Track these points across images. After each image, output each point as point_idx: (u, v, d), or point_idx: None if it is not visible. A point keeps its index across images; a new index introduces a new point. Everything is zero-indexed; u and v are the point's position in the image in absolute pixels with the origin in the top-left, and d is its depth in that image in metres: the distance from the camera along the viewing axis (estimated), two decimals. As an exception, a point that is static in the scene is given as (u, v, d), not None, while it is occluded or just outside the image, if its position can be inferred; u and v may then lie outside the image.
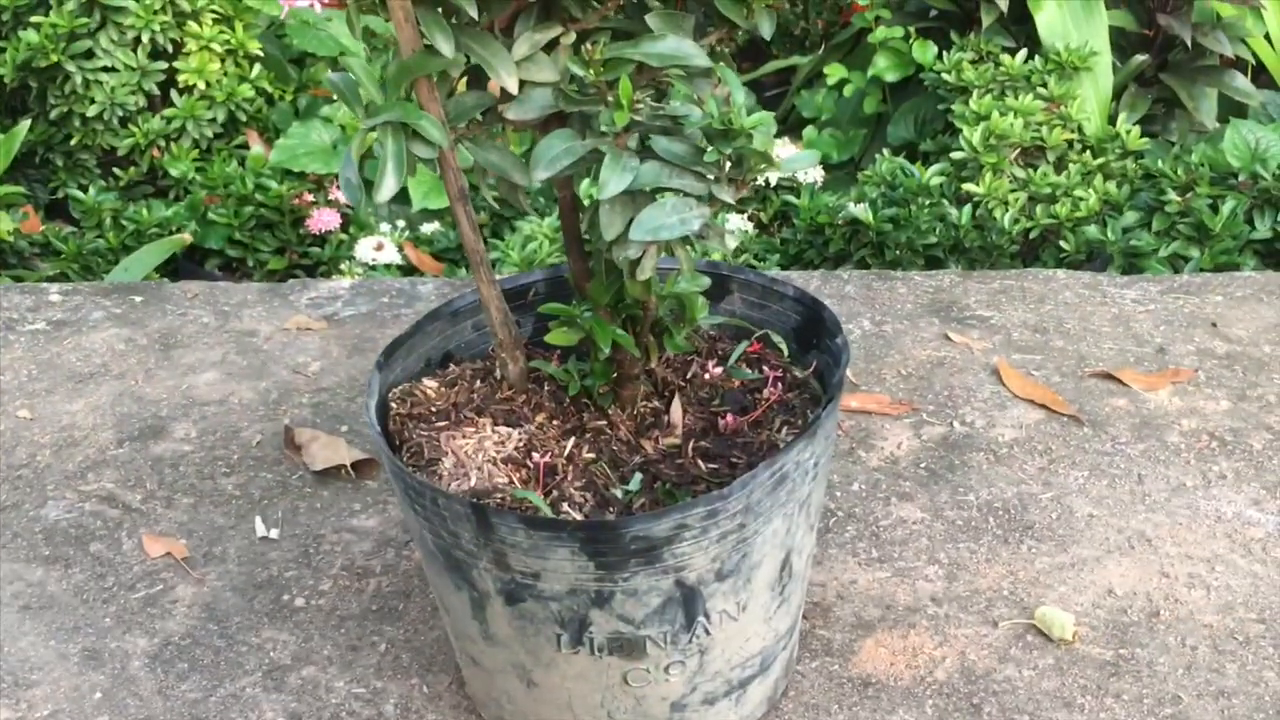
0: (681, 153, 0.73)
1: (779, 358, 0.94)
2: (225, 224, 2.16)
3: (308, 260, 2.23)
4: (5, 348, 1.42)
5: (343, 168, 0.73)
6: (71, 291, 1.55)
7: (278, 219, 2.19)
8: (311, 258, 2.21)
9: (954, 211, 1.80)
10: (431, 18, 0.70)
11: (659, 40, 0.71)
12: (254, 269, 2.23)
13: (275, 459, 1.22)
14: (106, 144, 2.27)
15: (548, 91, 0.73)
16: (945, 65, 2.09)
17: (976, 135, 1.88)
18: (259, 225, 2.19)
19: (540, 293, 0.98)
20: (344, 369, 1.36)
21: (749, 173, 0.73)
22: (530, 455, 0.83)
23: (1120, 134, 1.94)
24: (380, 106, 0.72)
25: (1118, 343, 1.37)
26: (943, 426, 1.24)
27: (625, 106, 0.70)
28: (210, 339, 1.43)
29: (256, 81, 2.31)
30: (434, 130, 0.72)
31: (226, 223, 2.16)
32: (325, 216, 2.19)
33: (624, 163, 0.72)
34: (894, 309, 1.45)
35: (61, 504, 1.16)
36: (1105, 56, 2.03)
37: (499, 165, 0.77)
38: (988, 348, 1.36)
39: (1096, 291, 1.48)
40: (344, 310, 1.48)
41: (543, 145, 0.73)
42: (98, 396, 1.32)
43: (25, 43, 2.17)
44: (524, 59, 0.73)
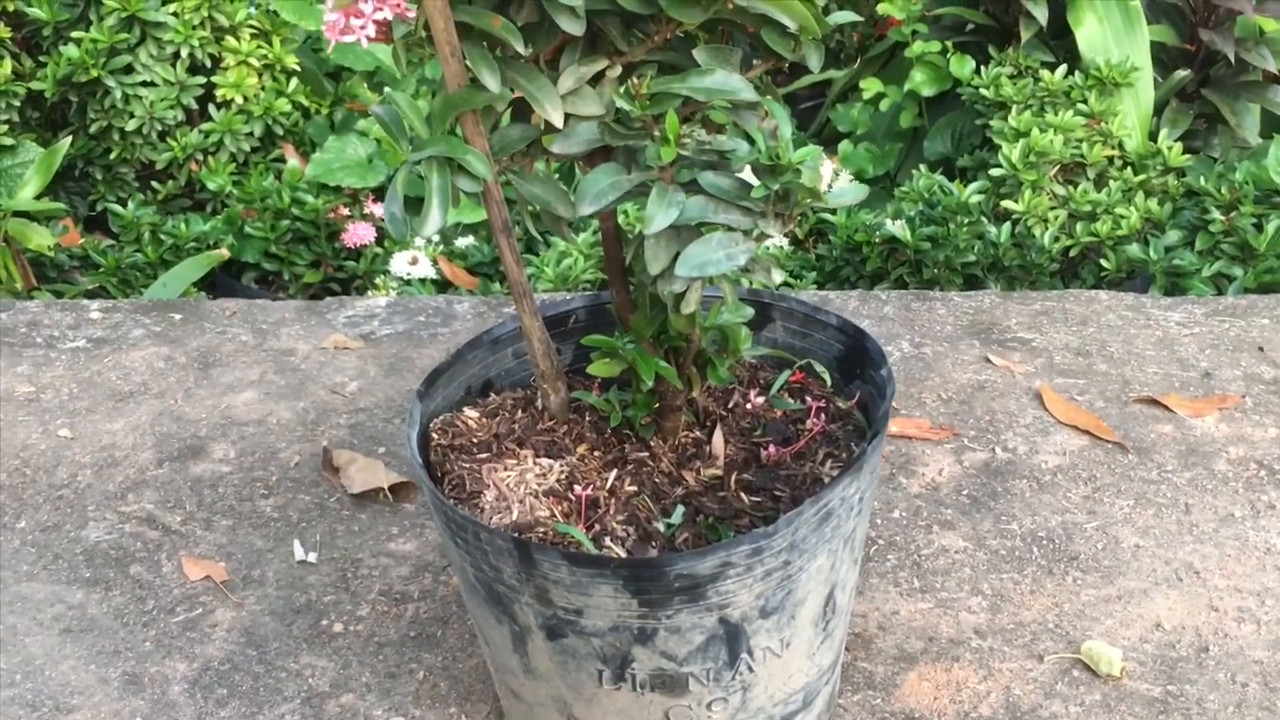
0: (728, 187, 0.72)
1: (821, 388, 0.93)
2: (262, 238, 2.18)
3: (343, 274, 2.24)
4: (47, 365, 1.43)
5: (388, 202, 0.72)
6: (111, 309, 1.56)
7: (313, 233, 2.21)
8: (346, 271, 2.22)
9: (993, 229, 1.78)
10: (478, 53, 0.69)
11: (706, 75, 0.70)
12: (289, 282, 2.24)
13: (313, 480, 1.22)
14: (145, 158, 2.29)
15: (593, 125, 0.73)
16: (983, 80, 2.07)
17: (1016, 152, 1.86)
18: (295, 239, 2.20)
19: (580, 320, 0.97)
20: (381, 389, 1.36)
21: (796, 207, 0.72)
22: (572, 488, 0.83)
23: (1162, 150, 1.92)
24: (425, 141, 0.72)
25: (1162, 367, 1.35)
26: (984, 452, 1.22)
27: (672, 142, 0.70)
28: (248, 358, 1.43)
29: (293, 96, 2.32)
30: (479, 165, 0.72)
31: (263, 236, 2.17)
32: (360, 230, 2.20)
33: (670, 198, 0.71)
34: (933, 330, 1.43)
35: (102, 525, 1.16)
36: (1146, 72, 2.01)
37: (542, 198, 0.76)
38: (1029, 371, 1.35)
39: (1140, 313, 1.46)
40: (381, 329, 1.49)
41: (589, 179, 0.72)
42: (138, 416, 1.32)
43: (66, 58, 2.19)
44: (569, 92, 0.72)
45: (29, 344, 1.48)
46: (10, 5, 2.22)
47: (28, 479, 1.23)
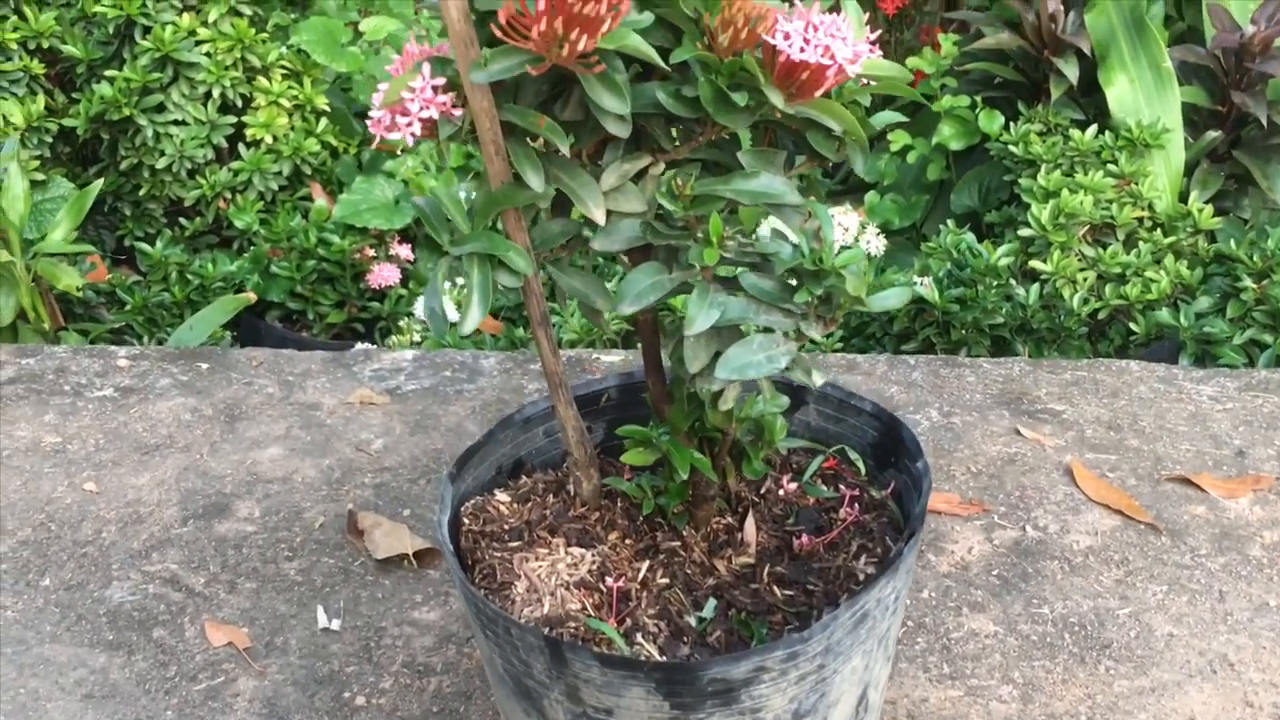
0: (770, 289, 0.71)
1: (855, 475, 0.93)
2: (287, 277, 2.18)
3: (367, 314, 2.24)
4: (74, 415, 1.43)
5: (427, 297, 0.72)
6: (139, 356, 1.56)
7: (339, 273, 2.22)
8: (370, 312, 2.23)
9: (1021, 291, 1.77)
10: (523, 152, 0.69)
11: (751, 178, 0.70)
12: (314, 322, 2.25)
13: (337, 543, 1.21)
14: (174, 194, 2.31)
15: (635, 222, 0.72)
16: (1012, 137, 2.07)
17: (1045, 213, 1.85)
18: (320, 279, 2.21)
19: (612, 398, 0.97)
20: (406, 448, 1.35)
21: (838, 309, 0.71)
22: (604, 579, 0.82)
23: (1192, 212, 1.90)
24: (467, 236, 0.71)
25: (1195, 444, 1.33)
26: (1015, 530, 1.21)
27: (715, 244, 0.69)
28: (274, 411, 1.43)
29: (322, 136, 2.33)
30: (520, 261, 0.72)
31: (288, 276, 2.18)
32: (385, 271, 2.21)
33: (711, 298, 0.70)
34: (962, 399, 1.42)
35: (126, 585, 1.16)
36: (1177, 133, 2.00)
37: (581, 290, 0.76)
38: (1060, 445, 1.33)
39: (1172, 386, 1.44)
40: (407, 384, 1.48)
41: (630, 280, 0.72)
42: (163, 470, 1.32)
43: (99, 96, 2.21)
44: (612, 189, 0.72)
45: (57, 391, 1.48)
46: (45, 43, 2.25)
47: (52, 534, 1.23)
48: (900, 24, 2.65)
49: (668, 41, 0.68)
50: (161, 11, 2.24)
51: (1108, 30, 2.08)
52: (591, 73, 0.63)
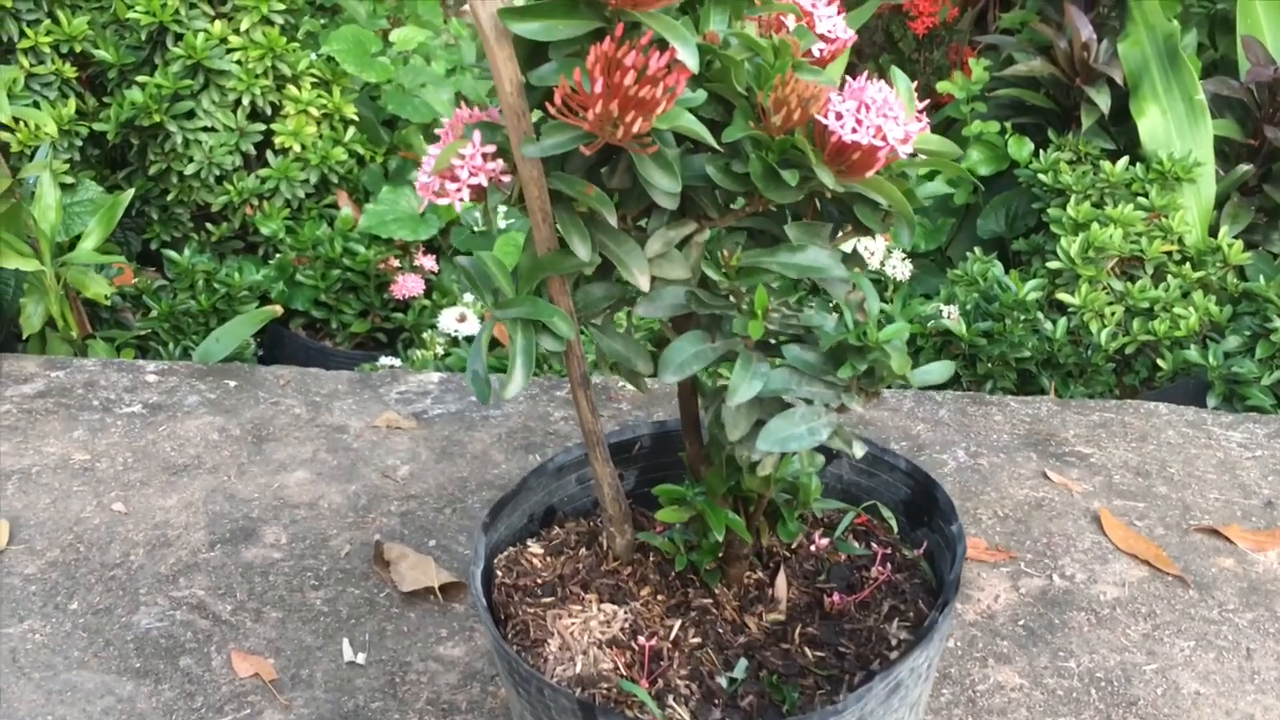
0: (813, 362, 0.71)
1: (887, 533, 0.92)
2: (312, 285, 2.19)
3: (390, 324, 2.25)
4: (103, 431, 1.44)
5: (471, 359, 0.72)
6: (167, 371, 1.57)
7: (363, 283, 2.22)
8: (394, 322, 2.23)
9: (1048, 324, 1.77)
10: (570, 220, 0.69)
11: (797, 251, 0.70)
12: (337, 330, 2.25)
13: (363, 573, 1.22)
14: (201, 200, 2.31)
15: (679, 290, 0.72)
16: (1042, 165, 2.06)
17: (1075, 247, 1.84)
18: (344, 288, 2.22)
19: (645, 447, 0.97)
20: (432, 475, 1.36)
21: (881, 382, 0.71)
22: (636, 637, 0.82)
23: (1222, 247, 1.89)
24: (511, 300, 0.71)
25: (1223, 493, 1.33)
26: (1042, 579, 1.20)
27: (760, 317, 0.69)
28: (301, 433, 1.43)
29: (350, 145, 2.34)
30: (564, 325, 0.72)
31: (313, 285, 2.19)
32: (410, 282, 2.21)
33: (755, 369, 0.70)
34: (990, 439, 1.42)
35: (153, 611, 1.17)
36: (1209, 166, 1.99)
37: (622, 354, 0.76)
38: (1088, 490, 1.33)
39: (1200, 431, 1.44)
40: (433, 408, 1.49)
41: (674, 348, 0.72)
42: (191, 492, 1.33)
43: (129, 101, 2.22)
44: (657, 255, 0.72)
45: (86, 407, 1.49)
46: (78, 47, 2.25)
47: (81, 556, 1.24)
48: (930, 44, 2.64)
49: (718, 114, 0.68)
50: (194, 19, 2.24)
51: (1141, 60, 2.07)
52: (645, 152, 0.63)
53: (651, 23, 0.60)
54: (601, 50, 0.60)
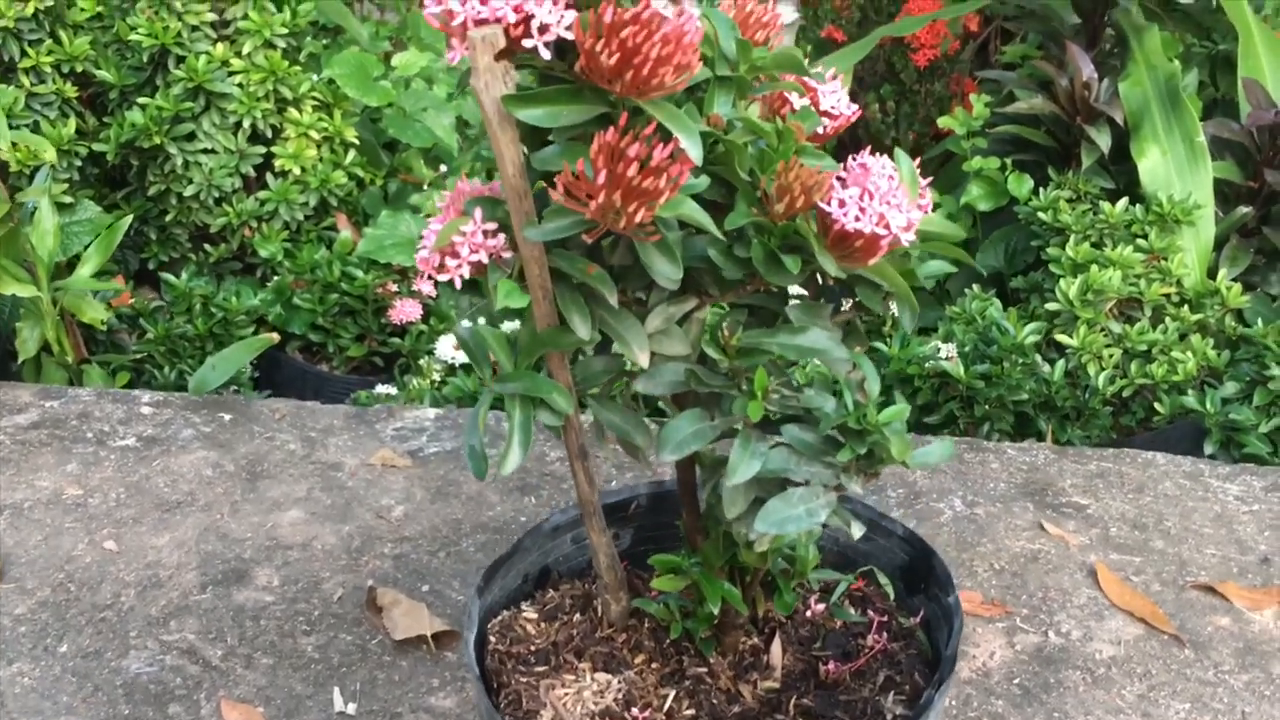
0: (812, 442, 0.71)
1: (884, 600, 0.92)
2: (309, 310, 2.19)
3: (387, 349, 2.24)
4: (96, 465, 1.43)
5: (467, 433, 0.72)
6: (162, 403, 1.57)
7: (360, 307, 2.22)
8: (391, 347, 2.23)
9: (1046, 367, 1.77)
10: (570, 299, 0.69)
11: (798, 333, 0.70)
12: (334, 354, 2.25)
13: (355, 618, 1.21)
14: (200, 221, 2.31)
15: (679, 366, 0.72)
16: (1041, 203, 2.06)
17: (1074, 289, 1.84)
18: (342, 312, 2.21)
19: (642, 506, 0.97)
20: (427, 516, 1.35)
21: (880, 464, 0.71)
22: (629, 709, 0.82)
23: (1220, 289, 1.89)
24: (509, 375, 0.71)
25: (1220, 548, 1.32)
26: (1037, 635, 1.20)
27: (760, 398, 0.69)
28: (296, 470, 1.43)
29: (350, 168, 2.33)
30: (562, 400, 0.71)
31: (310, 309, 2.18)
32: (407, 307, 2.21)
33: (754, 448, 0.70)
34: (986, 488, 1.41)
35: (143, 655, 1.16)
36: (1209, 209, 1.99)
37: (621, 427, 0.76)
38: (1084, 543, 1.32)
39: (1198, 484, 1.43)
40: (429, 446, 1.48)
41: (672, 426, 0.71)
42: (183, 530, 1.32)
43: (130, 123, 2.21)
44: (656, 331, 0.72)
45: (80, 439, 1.48)
46: (79, 67, 2.25)
47: (71, 596, 1.23)
48: (931, 75, 2.64)
49: (720, 195, 0.68)
50: (196, 41, 2.24)
51: (1141, 101, 2.07)
52: (647, 240, 0.63)
53: (655, 112, 0.60)
54: (605, 140, 0.59)
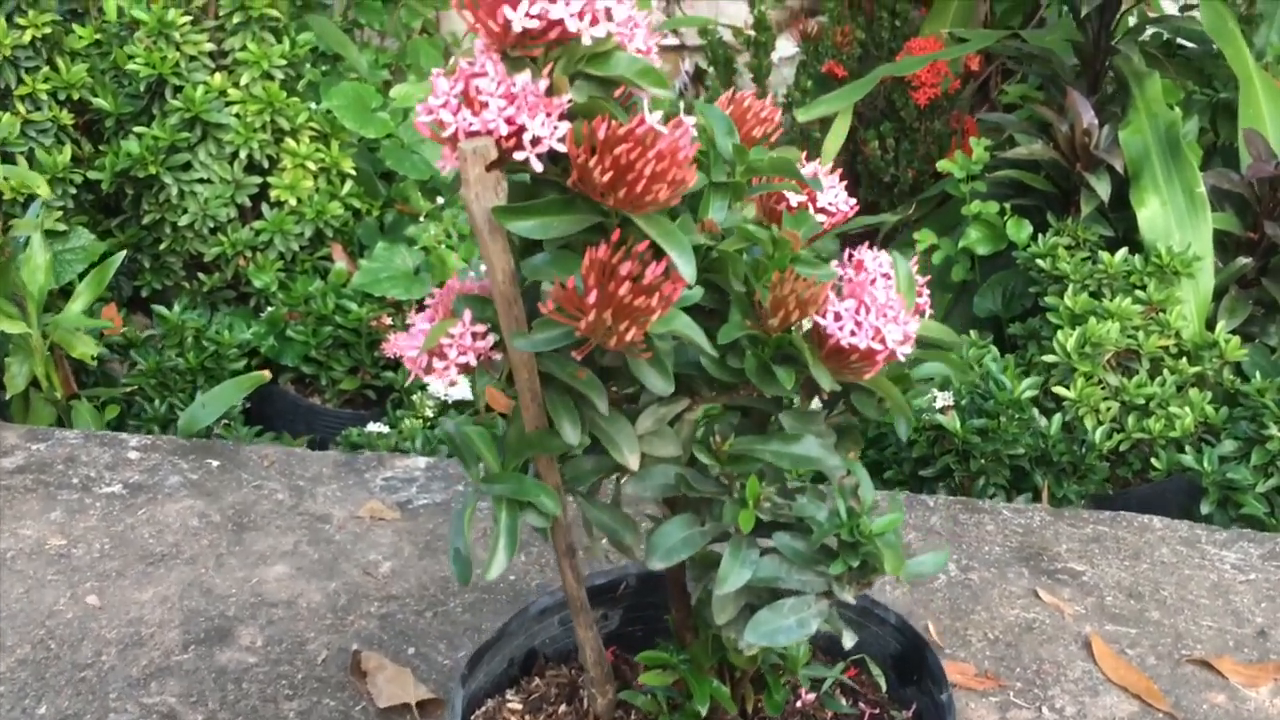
0: (804, 551, 0.69)
1: (875, 692, 0.90)
2: (303, 342, 2.17)
3: (380, 383, 2.23)
4: (81, 513, 1.41)
5: (453, 536, 0.70)
6: (150, 447, 1.55)
7: (354, 340, 2.20)
8: (384, 381, 2.21)
9: (1043, 420, 1.75)
10: (560, 403, 0.67)
11: (791, 441, 0.68)
12: (326, 387, 2.23)
13: (339, 682, 1.19)
14: (194, 250, 2.29)
15: (670, 469, 0.71)
16: (1040, 249, 2.05)
17: (1071, 341, 1.83)
18: (335, 345, 2.20)
19: (631, 587, 0.95)
20: (414, 573, 1.34)
21: (873, 573, 0.70)
22: (613, 808, 0.80)
23: (1219, 341, 1.88)
24: (497, 475, 0.70)
25: (1216, 620, 1.31)
26: (1031, 711, 1.18)
27: (751, 506, 0.67)
28: (283, 521, 1.41)
29: (346, 198, 2.32)
30: (550, 502, 0.70)
31: (304, 341, 2.17)
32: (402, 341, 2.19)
33: (744, 556, 0.69)
34: (981, 552, 1.40)
35: (123, 718, 1.14)
36: (1208, 260, 1.98)
37: (609, 525, 0.74)
38: (1079, 613, 1.31)
39: (1194, 550, 1.42)
40: (418, 497, 1.47)
41: (663, 532, 0.70)
42: (167, 585, 1.31)
43: (126, 152, 2.20)
44: (647, 433, 0.70)
45: (65, 485, 1.46)
46: (75, 94, 2.24)
47: (52, 654, 1.21)
48: (931, 114, 2.64)
49: (714, 301, 0.66)
50: (194, 71, 2.23)
51: (1142, 149, 2.07)
52: (638, 357, 0.62)
53: (648, 228, 0.59)
54: (596, 257, 0.58)
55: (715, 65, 2.77)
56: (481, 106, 0.58)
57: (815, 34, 2.69)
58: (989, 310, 2.24)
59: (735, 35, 2.74)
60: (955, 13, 2.70)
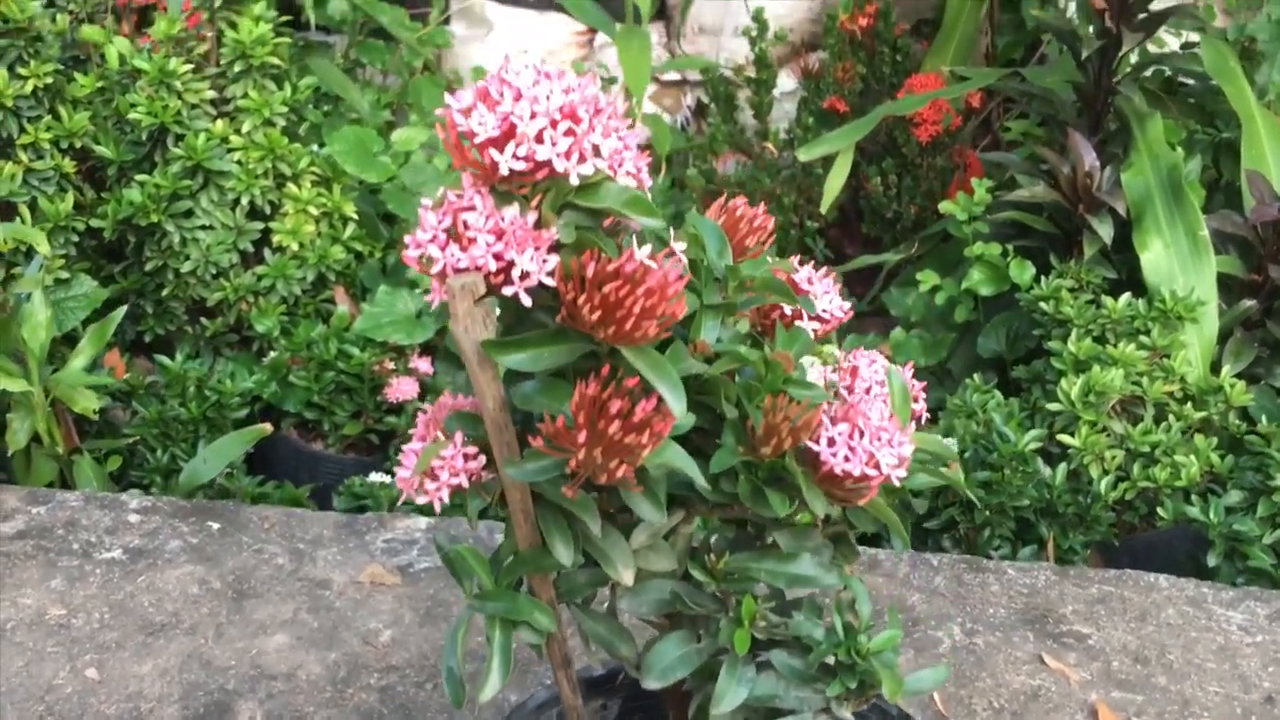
0: (801, 669, 0.69)
1: (877, 786, 0.89)
2: (305, 387, 2.17)
3: (383, 427, 2.22)
4: (81, 580, 1.41)
5: (445, 655, 0.70)
6: (150, 510, 1.55)
7: (357, 385, 2.20)
8: (387, 425, 2.21)
9: (1047, 471, 1.74)
10: (553, 521, 0.67)
11: (787, 561, 0.68)
12: (329, 432, 2.23)
13: (339, 759, 1.19)
14: (197, 295, 2.30)
15: (665, 584, 0.70)
16: (1043, 291, 2.04)
17: (1075, 389, 1.82)
18: (338, 390, 2.19)
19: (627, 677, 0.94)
20: (415, 642, 1.33)
21: (870, 691, 0.69)
22: None
23: (1224, 386, 1.87)
24: (491, 593, 0.69)
25: (1223, 684, 1.30)
26: (1034, 785, 1.17)
27: (747, 626, 0.67)
28: (283, 587, 1.41)
29: (348, 242, 2.32)
30: (545, 620, 0.69)
31: (306, 386, 2.16)
32: (404, 386, 2.19)
33: (741, 674, 0.68)
34: (985, 615, 1.39)
35: (122, 800, 1.14)
36: (1212, 304, 1.97)
37: (605, 637, 0.73)
38: (1085, 679, 1.30)
39: (1201, 610, 1.41)
40: (419, 560, 1.46)
41: (658, 650, 0.69)
42: (167, 657, 1.30)
43: (128, 201, 2.20)
44: (642, 547, 0.70)
45: (66, 550, 1.46)
46: (78, 142, 2.24)
47: (51, 731, 1.21)
48: (933, 150, 2.63)
49: (706, 421, 0.66)
50: (195, 118, 2.23)
51: (1144, 191, 2.06)
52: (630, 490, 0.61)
53: (638, 362, 0.58)
54: (586, 394, 0.57)
55: (717, 102, 2.77)
56: (470, 242, 0.58)
57: (817, 71, 2.69)
58: (993, 351, 2.23)
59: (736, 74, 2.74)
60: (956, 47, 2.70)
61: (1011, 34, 2.74)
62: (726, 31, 2.90)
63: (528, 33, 3.02)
